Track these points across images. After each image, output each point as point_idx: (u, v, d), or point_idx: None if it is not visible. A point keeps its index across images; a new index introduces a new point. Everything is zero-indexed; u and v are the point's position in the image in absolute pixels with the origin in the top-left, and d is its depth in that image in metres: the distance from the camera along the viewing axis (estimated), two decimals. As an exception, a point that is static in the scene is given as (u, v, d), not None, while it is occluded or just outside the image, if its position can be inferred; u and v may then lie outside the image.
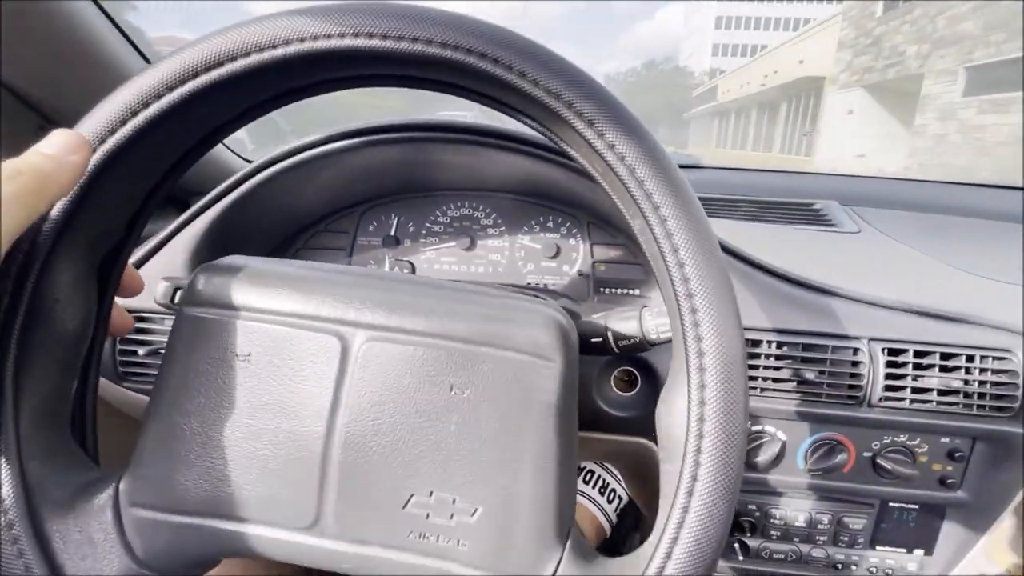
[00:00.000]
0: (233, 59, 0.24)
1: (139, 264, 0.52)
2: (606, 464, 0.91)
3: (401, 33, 0.23)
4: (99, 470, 0.29)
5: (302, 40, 0.23)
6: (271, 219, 0.58)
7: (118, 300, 0.32)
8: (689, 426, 0.24)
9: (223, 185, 0.51)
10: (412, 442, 0.27)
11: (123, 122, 0.24)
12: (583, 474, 0.91)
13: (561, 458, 0.27)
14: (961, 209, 0.84)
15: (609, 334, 0.37)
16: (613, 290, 0.59)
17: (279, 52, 0.23)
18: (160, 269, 0.51)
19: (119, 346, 0.53)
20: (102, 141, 0.24)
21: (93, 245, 0.28)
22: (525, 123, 0.27)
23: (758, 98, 25.33)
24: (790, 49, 20.21)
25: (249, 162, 0.57)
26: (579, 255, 0.59)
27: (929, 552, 0.53)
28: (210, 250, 0.53)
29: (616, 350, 0.37)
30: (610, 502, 0.88)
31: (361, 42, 0.23)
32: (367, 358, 0.27)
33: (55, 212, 0.25)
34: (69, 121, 0.25)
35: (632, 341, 0.36)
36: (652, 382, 0.51)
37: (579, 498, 0.88)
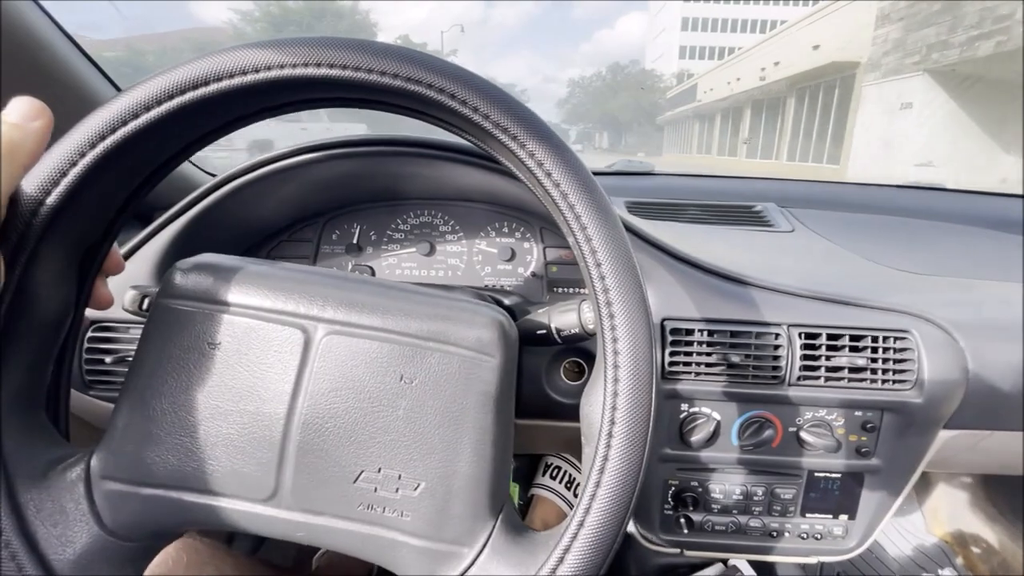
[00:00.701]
0: (231, 76, 0.26)
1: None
2: (569, 457, 0.94)
3: (367, 66, 0.26)
4: (71, 446, 0.31)
5: (281, 67, 0.26)
6: (235, 230, 0.60)
7: (94, 302, 0.33)
8: (603, 415, 0.27)
9: (187, 198, 0.53)
10: (364, 425, 0.30)
11: (103, 137, 0.26)
12: (550, 470, 0.94)
13: (497, 442, 0.31)
14: (891, 209, 0.91)
15: (552, 326, 0.40)
16: (565, 289, 0.63)
17: (257, 77, 0.26)
18: (126, 279, 0.52)
19: (86, 355, 0.54)
20: (82, 154, 0.26)
21: (76, 243, 0.30)
22: (464, 137, 0.31)
23: (754, 95, 19.76)
24: (796, 35, 15.12)
25: (213, 175, 0.59)
26: (533, 258, 0.63)
27: (852, 516, 0.58)
28: (175, 261, 0.54)
29: (559, 340, 0.40)
30: (576, 495, 0.92)
31: (335, 72, 0.26)
32: (327, 350, 0.30)
33: (44, 210, 0.26)
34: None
35: (572, 332, 0.40)
36: None
37: (546, 493, 0.91)
